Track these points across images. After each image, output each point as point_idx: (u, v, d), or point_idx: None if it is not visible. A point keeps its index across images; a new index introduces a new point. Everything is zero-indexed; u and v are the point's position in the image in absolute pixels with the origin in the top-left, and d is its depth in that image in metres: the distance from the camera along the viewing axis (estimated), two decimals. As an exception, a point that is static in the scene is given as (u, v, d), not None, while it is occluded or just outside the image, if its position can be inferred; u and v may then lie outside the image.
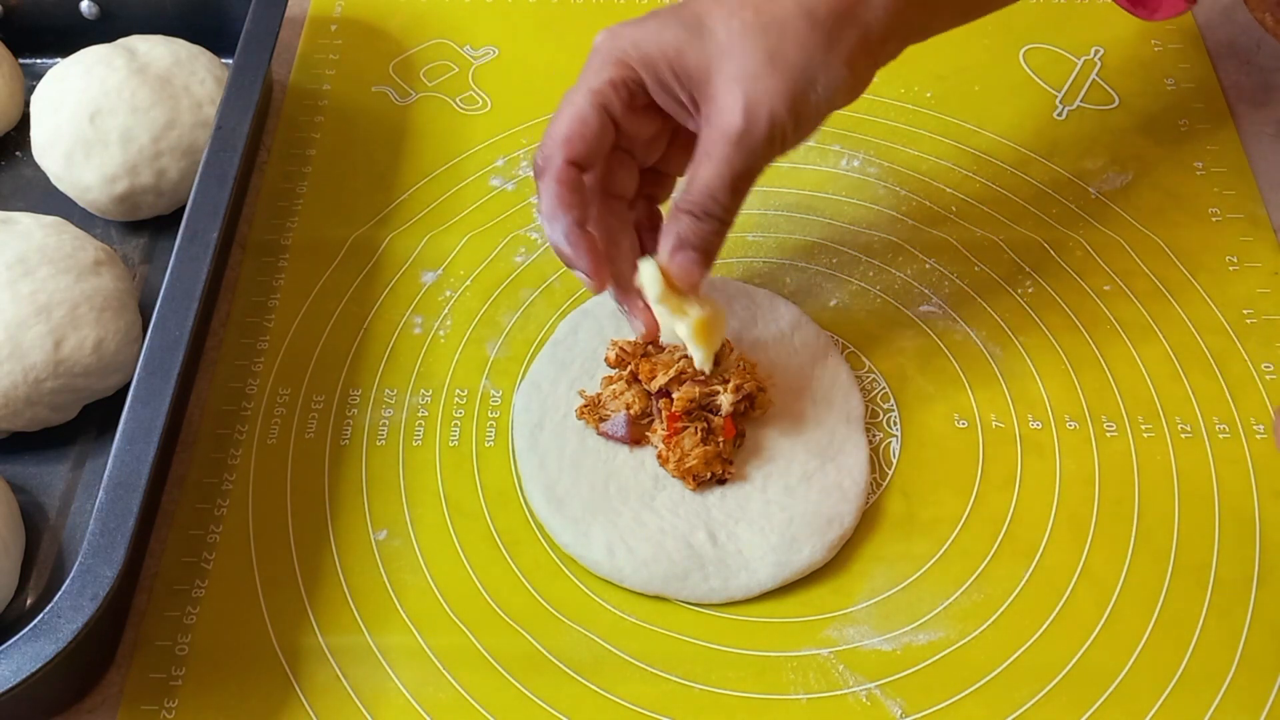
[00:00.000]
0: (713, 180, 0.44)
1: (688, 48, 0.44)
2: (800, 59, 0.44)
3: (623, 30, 0.45)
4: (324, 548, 0.50)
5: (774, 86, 0.43)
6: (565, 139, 0.45)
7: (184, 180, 0.59)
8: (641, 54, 0.44)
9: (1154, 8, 0.54)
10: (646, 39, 0.44)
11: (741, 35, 0.43)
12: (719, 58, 0.43)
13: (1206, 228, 0.60)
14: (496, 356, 0.56)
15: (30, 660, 0.41)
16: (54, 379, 0.51)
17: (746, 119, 0.43)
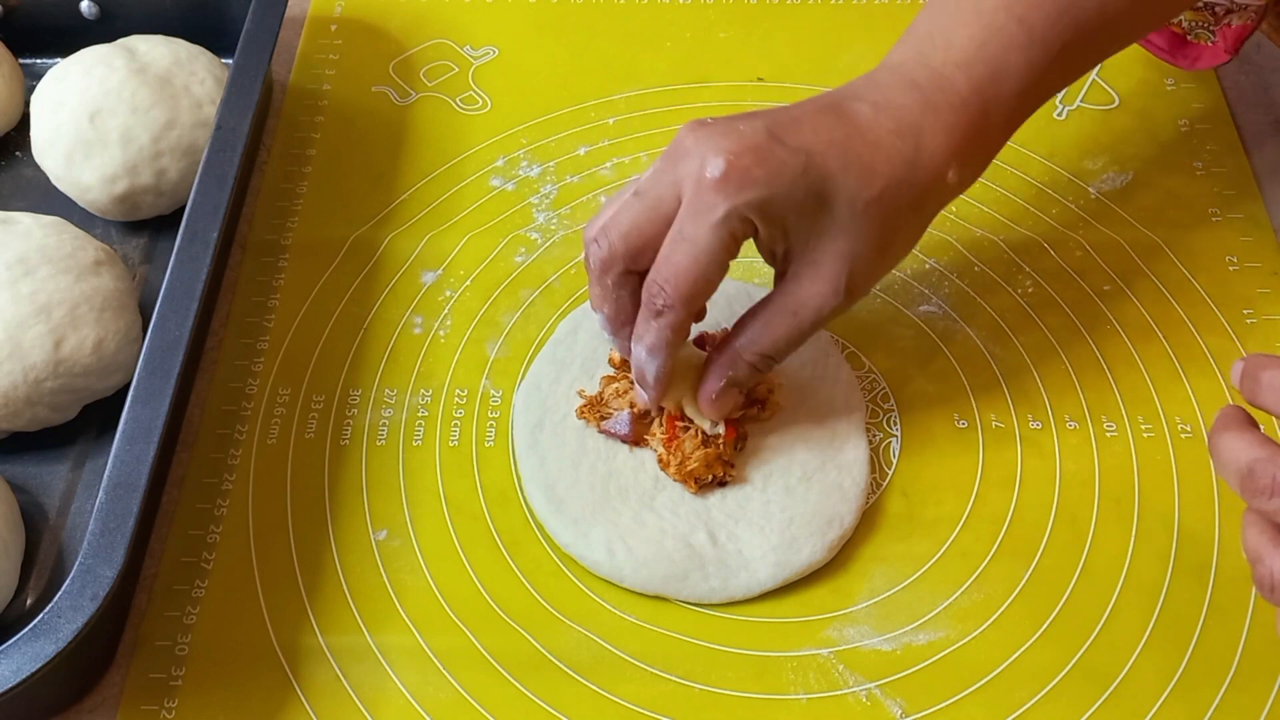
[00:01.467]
0: (788, 337, 0.45)
1: (808, 215, 0.43)
2: (903, 244, 0.46)
3: (753, 176, 0.42)
4: (324, 548, 0.50)
5: (876, 269, 0.46)
6: (691, 298, 0.44)
7: (184, 180, 0.59)
8: (771, 213, 0.43)
9: (1194, 57, 0.54)
10: (779, 198, 0.42)
11: (862, 217, 0.44)
12: (833, 230, 0.44)
13: (1206, 228, 0.60)
14: (496, 356, 0.56)
15: (30, 660, 0.41)
16: (54, 379, 0.51)
17: (846, 296, 0.45)
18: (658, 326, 0.45)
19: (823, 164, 0.43)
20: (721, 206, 0.42)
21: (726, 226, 0.42)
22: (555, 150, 0.64)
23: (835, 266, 0.44)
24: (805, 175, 0.43)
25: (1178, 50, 0.55)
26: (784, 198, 0.42)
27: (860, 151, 0.43)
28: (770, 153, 0.42)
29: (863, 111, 0.44)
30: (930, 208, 0.46)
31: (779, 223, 0.43)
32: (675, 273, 0.43)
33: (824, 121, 0.44)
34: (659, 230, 0.44)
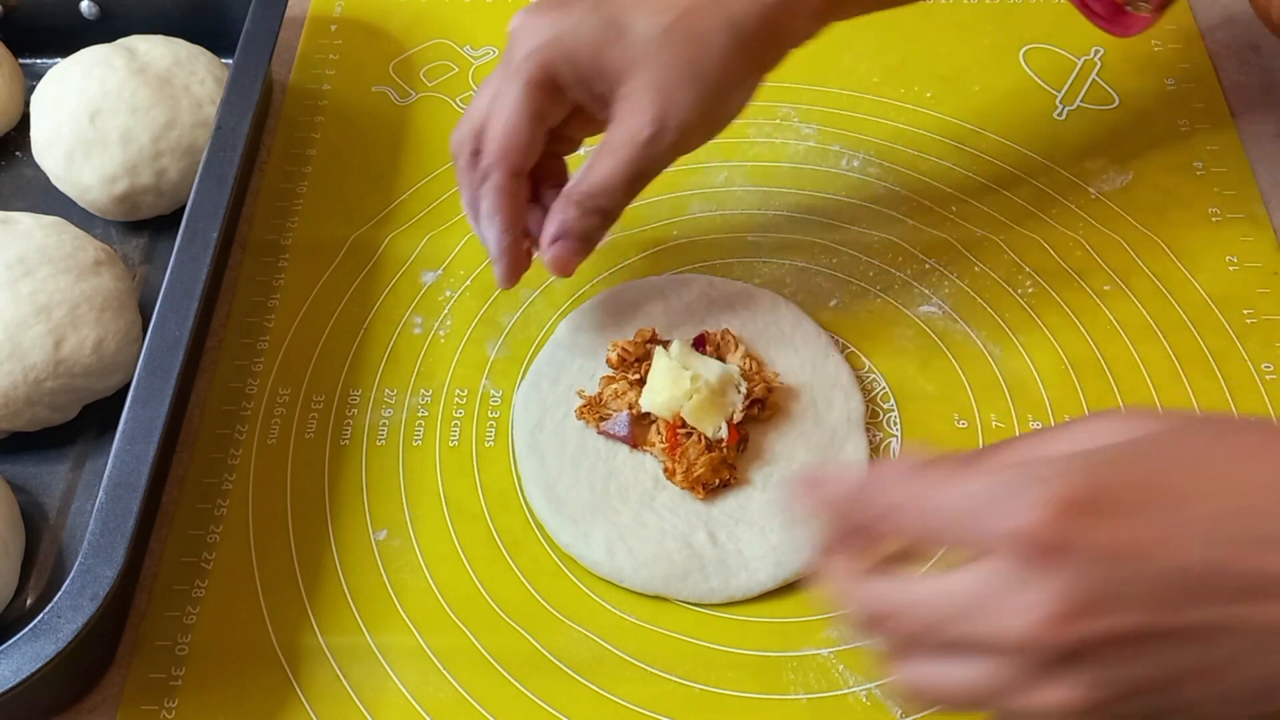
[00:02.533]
0: (609, 177, 0.45)
1: (607, 46, 0.44)
2: (720, 75, 0.45)
3: (542, 21, 0.45)
4: (324, 548, 0.50)
5: (690, 98, 0.44)
6: (504, 153, 0.46)
7: (184, 180, 0.59)
8: (559, 51, 0.44)
9: (1128, 25, 0.55)
10: (566, 34, 0.44)
11: (664, 41, 0.44)
12: (638, 60, 0.44)
13: (1207, 228, 0.60)
14: (496, 356, 0.56)
15: (30, 660, 0.41)
16: (54, 379, 0.51)
17: (657, 125, 0.44)
18: (486, 190, 0.47)
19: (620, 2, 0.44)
20: (517, 55, 0.45)
21: (523, 73, 0.44)
22: (555, 150, 0.64)
23: (646, 95, 0.44)
24: (597, 10, 0.44)
25: (1115, 19, 0.55)
26: (572, 34, 0.44)
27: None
28: (565, 1, 0.45)
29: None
30: (752, 29, 0.44)
31: (579, 61, 0.44)
32: (491, 133, 0.46)
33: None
34: None
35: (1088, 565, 0.30)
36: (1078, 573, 0.30)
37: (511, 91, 0.45)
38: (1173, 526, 0.30)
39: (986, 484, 0.31)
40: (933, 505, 0.32)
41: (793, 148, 0.64)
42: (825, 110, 0.65)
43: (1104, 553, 0.30)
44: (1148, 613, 0.30)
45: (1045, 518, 0.30)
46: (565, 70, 0.44)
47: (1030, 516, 0.30)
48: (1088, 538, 0.29)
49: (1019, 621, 0.30)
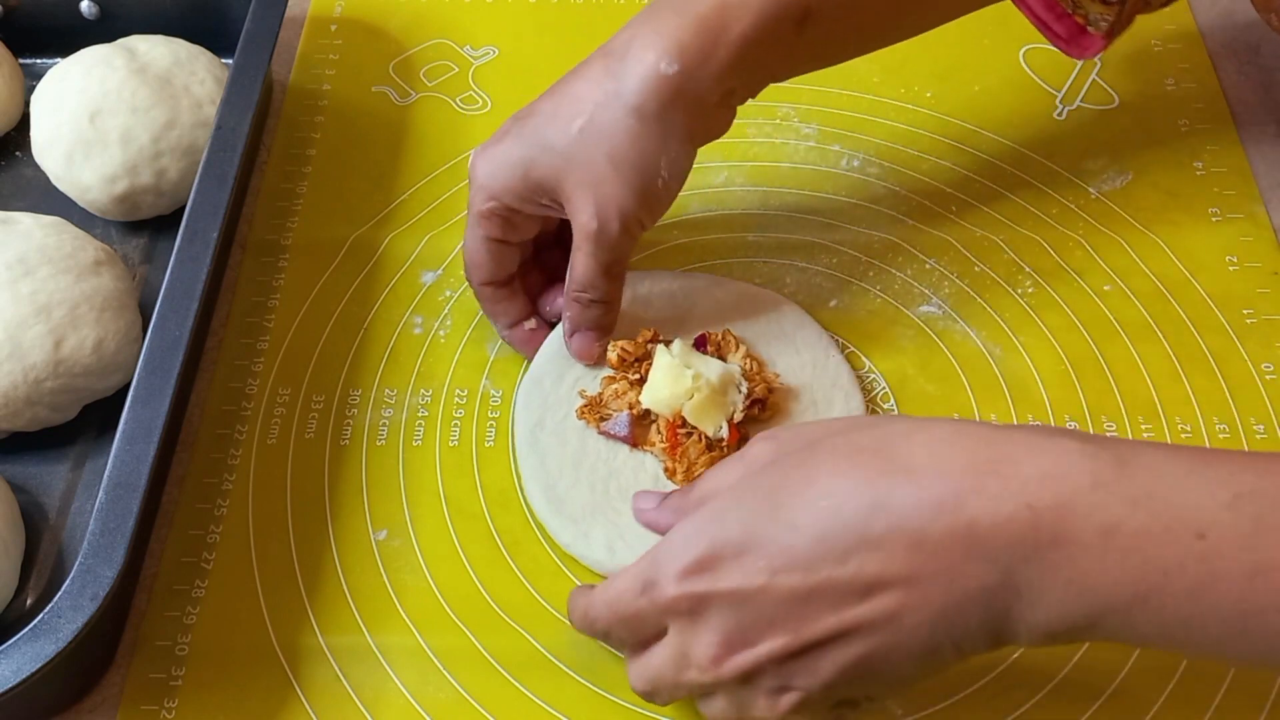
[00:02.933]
0: (585, 272, 0.50)
1: (533, 165, 0.48)
2: (639, 156, 0.47)
3: (483, 160, 0.50)
4: (324, 548, 0.50)
5: (619, 187, 0.47)
6: (472, 275, 0.53)
7: (184, 180, 0.59)
8: (500, 181, 0.49)
9: (1085, 46, 0.55)
10: (500, 167, 0.49)
11: (579, 145, 0.47)
12: (564, 167, 0.48)
13: (1206, 228, 0.60)
14: (496, 356, 0.56)
15: (30, 660, 0.41)
16: (54, 379, 0.51)
17: (599, 220, 0.48)
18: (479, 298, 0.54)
19: (537, 121, 0.49)
20: (474, 201, 0.51)
21: (474, 208, 0.51)
22: (555, 150, 0.64)
23: (580, 196, 0.48)
24: (519, 139, 0.49)
25: (1074, 40, 0.56)
26: (504, 165, 0.49)
27: (571, 90, 0.48)
28: (504, 133, 0.50)
29: (592, 55, 0.49)
30: (656, 106, 0.47)
31: (513, 187, 0.49)
32: (466, 262, 0.53)
33: (559, 80, 0.49)
34: None
35: (723, 612, 0.37)
36: (719, 619, 0.37)
37: (471, 225, 0.51)
38: (775, 561, 0.36)
39: (641, 573, 0.39)
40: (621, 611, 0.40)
41: (792, 148, 0.64)
42: (825, 110, 0.65)
43: (730, 598, 0.36)
44: (784, 634, 0.36)
45: (679, 587, 0.37)
46: (509, 198, 0.49)
47: (670, 590, 0.37)
48: (715, 590, 0.37)
49: (699, 670, 0.38)
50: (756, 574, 0.36)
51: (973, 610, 0.35)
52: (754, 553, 0.36)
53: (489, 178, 0.50)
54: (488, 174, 0.50)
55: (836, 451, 0.37)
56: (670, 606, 0.38)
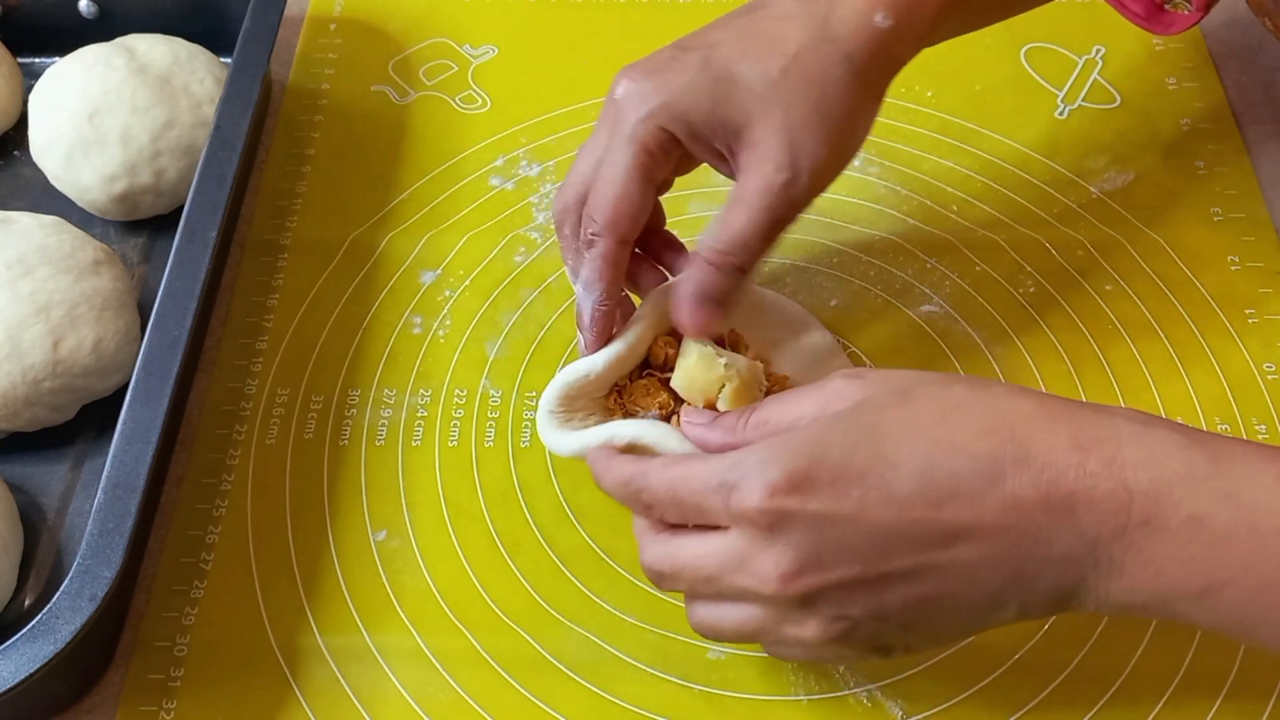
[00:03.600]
0: (747, 229, 0.43)
1: (724, 101, 0.43)
2: (844, 109, 0.43)
3: (647, 86, 0.43)
4: (323, 548, 0.50)
5: (820, 137, 0.43)
6: (614, 220, 0.44)
7: (183, 180, 0.59)
8: (674, 113, 0.43)
9: (1169, 23, 0.54)
10: (678, 97, 0.43)
11: (781, 86, 0.43)
12: (758, 109, 0.43)
13: (1208, 227, 0.60)
14: (496, 356, 0.56)
15: (29, 661, 0.41)
16: (53, 379, 0.51)
17: (793, 170, 0.43)
18: (590, 257, 0.44)
19: (725, 51, 0.43)
20: (627, 121, 0.43)
21: (636, 139, 0.43)
22: (555, 149, 0.64)
23: (773, 141, 0.43)
24: (706, 68, 0.43)
25: (1154, 18, 0.55)
26: (685, 94, 0.43)
27: (764, 28, 0.44)
28: (669, 61, 0.44)
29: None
30: (866, 60, 0.44)
31: (695, 120, 0.43)
32: (598, 198, 0.44)
33: (735, 15, 0.45)
34: None
35: (803, 533, 0.37)
36: (798, 539, 0.37)
37: (622, 157, 0.43)
38: (869, 493, 0.36)
39: (720, 472, 0.38)
40: (682, 494, 0.39)
41: (793, 147, 0.64)
42: (826, 109, 0.65)
43: (815, 521, 0.36)
44: (859, 564, 0.37)
45: (766, 500, 0.37)
46: (682, 131, 0.43)
47: (754, 500, 0.37)
48: (803, 510, 0.36)
49: (758, 581, 0.37)
50: (849, 502, 0.36)
51: (1048, 574, 0.36)
52: (850, 481, 0.36)
53: (666, 108, 0.43)
54: (664, 103, 0.43)
55: (936, 402, 0.38)
56: (749, 515, 0.37)
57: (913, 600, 0.37)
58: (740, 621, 0.40)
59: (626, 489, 0.41)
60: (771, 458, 0.37)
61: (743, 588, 0.38)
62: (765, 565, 0.37)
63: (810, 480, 0.37)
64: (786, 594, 0.37)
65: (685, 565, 0.40)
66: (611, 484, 0.42)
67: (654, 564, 0.41)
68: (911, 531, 0.36)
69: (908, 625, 0.38)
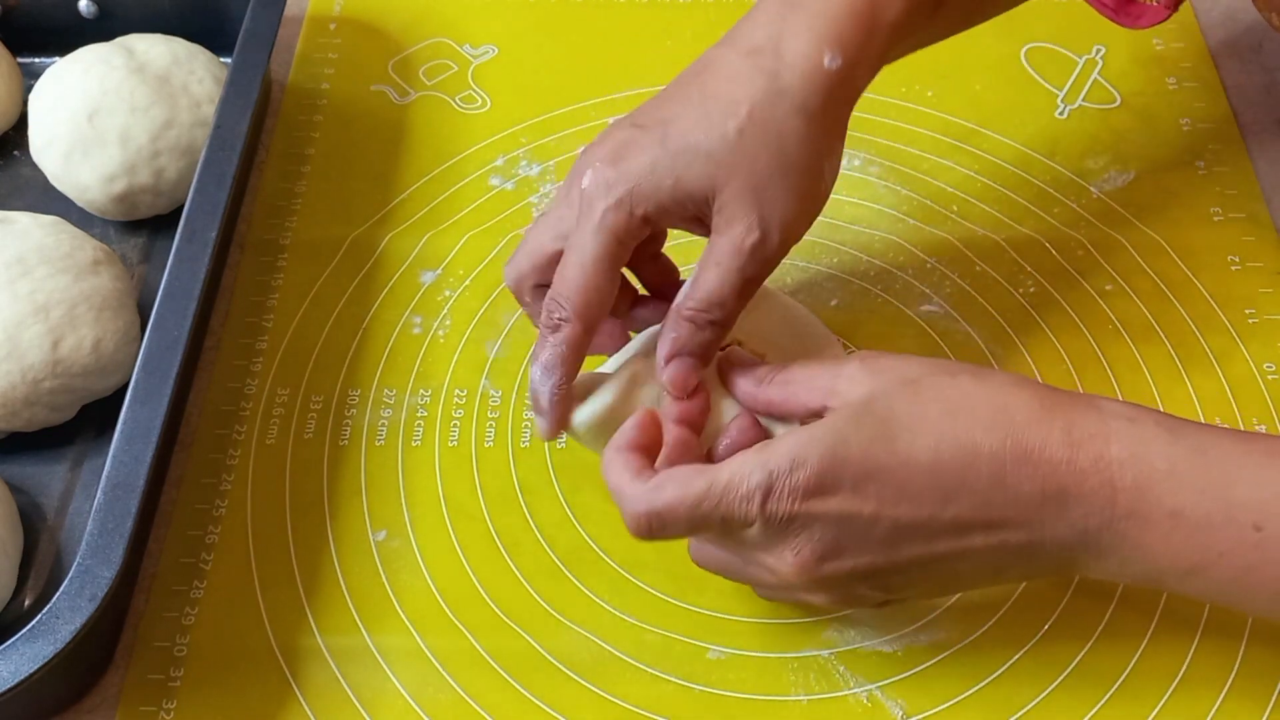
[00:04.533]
0: (720, 288, 0.43)
1: (685, 174, 0.43)
2: (807, 159, 0.43)
3: (612, 175, 0.43)
4: (323, 548, 0.50)
5: (785, 192, 0.43)
6: (582, 308, 0.43)
7: (182, 180, 0.59)
8: (640, 196, 0.43)
9: (1137, 15, 0.54)
10: (642, 180, 0.43)
11: (740, 148, 0.42)
12: (722, 173, 0.43)
13: (1208, 227, 0.60)
14: (496, 356, 0.56)
15: (28, 661, 0.41)
16: (52, 379, 0.51)
17: (761, 229, 0.43)
18: (553, 341, 0.44)
19: (680, 127, 0.43)
20: (596, 210, 0.43)
21: (605, 228, 0.43)
22: (555, 149, 0.64)
23: (740, 204, 0.43)
24: (664, 145, 0.43)
25: (1122, 9, 0.55)
26: (648, 176, 0.43)
27: (715, 91, 0.43)
28: (630, 143, 0.43)
29: (718, 52, 0.45)
30: (821, 103, 0.43)
31: (665, 200, 0.43)
32: (566, 285, 0.43)
33: (682, 83, 0.45)
34: (559, 247, 0.45)
35: (827, 527, 0.39)
36: (820, 533, 0.39)
37: (592, 246, 0.43)
38: (885, 490, 0.38)
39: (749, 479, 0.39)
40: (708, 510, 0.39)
41: (793, 147, 0.64)
42: (826, 109, 0.65)
43: (836, 517, 0.39)
44: (874, 554, 0.39)
45: (796, 507, 0.38)
46: (651, 211, 0.43)
47: (782, 508, 0.38)
48: (824, 508, 0.39)
49: (781, 567, 0.40)
50: (869, 501, 0.39)
51: (1046, 555, 0.40)
52: (870, 481, 0.39)
53: (633, 194, 0.43)
54: (631, 189, 0.43)
55: (944, 394, 0.40)
56: (780, 517, 0.39)
57: (918, 577, 0.41)
58: (748, 576, 0.43)
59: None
60: (799, 463, 0.39)
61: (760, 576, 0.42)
62: (785, 555, 0.40)
63: (836, 482, 0.38)
64: (802, 578, 0.40)
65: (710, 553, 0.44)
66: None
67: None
68: (924, 525, 0.39)
69: (906, 589, 0.42)
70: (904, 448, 0.39)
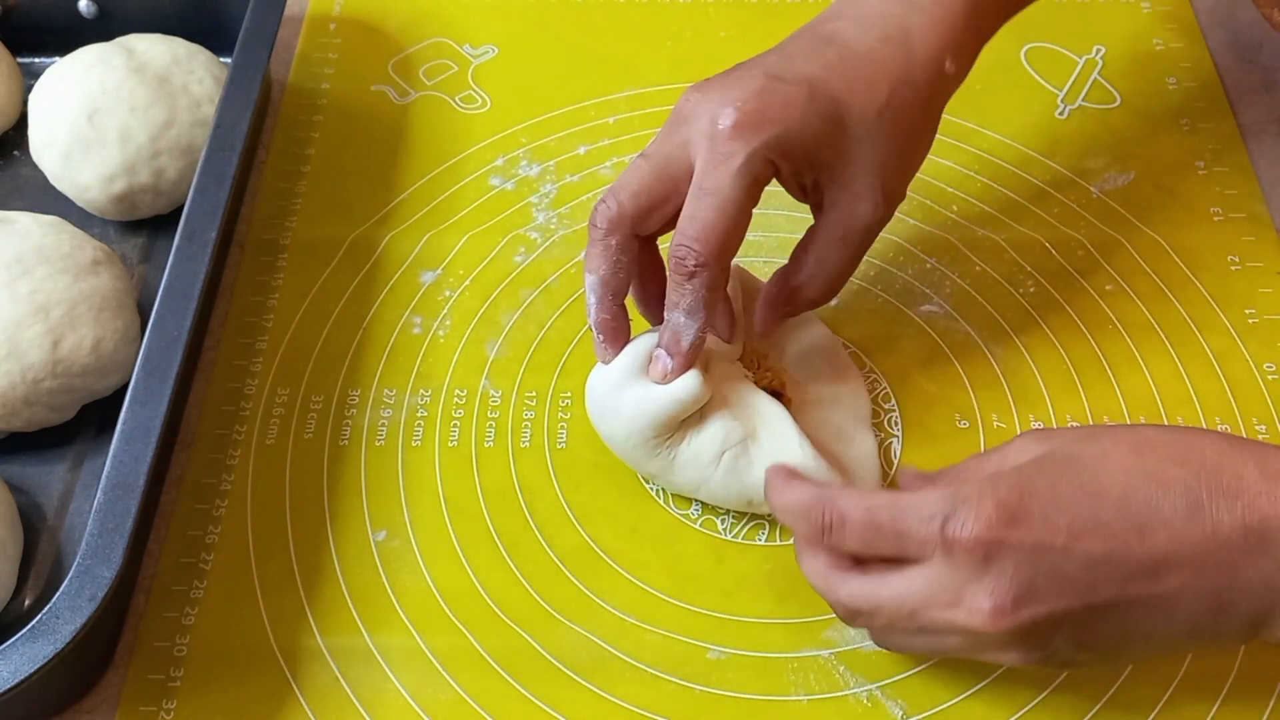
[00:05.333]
0: (847, 266, 0.47)
1: (828, 141, 0.44)
2: (921, 149, 0.47)
3: (759, 119, 0.43)
4: (323, 548, 0.50)
5: (903, 177, 0.47)
6: (720, 251, 0.43)
7: (182, 179, 0.59)
8: (784, 149, 0.44)
9: None
10: (791, 134, 0.43)
11: (877, 129, 0.45)
12: (856, 149, 0.45)
13: (1208, 227, 0.60)
14: (496, 356, 0.56)
15: (28, 661, 0.41)
16: (52, 379, 0.51)
17: (888, 208, 0.46)
18: (693, 287, 0.44)
19: (826, 89, 0.44)
20: (740, 153, 0.43)
21: (749, 171, 0.43)
22: (555, 149, 0.64)
23: (868, 181, 0.45)
24: (813, 103, 0.44)
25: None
26: (798, 130, 0.43)
27: (857, 66, 0.45)
28: (774, 91, 0.44)
29: (847, 30, 0.46)
30: (937, 102, 0.47)
31: (799, 156, 0.44)
32: (703, 228, 0.43)
33: (814, 49, 0.46)
34: (667, 191, 0.45)
35: (1017, 564, 0.37)
36: (1012, 571, 0.37)
37: (733, 190, 0.43)
38: (1077, 522, 0.37)
39: (932, 502, 0.38)
40: (883, 520, 0.39)
41: (793, 147, 0.64)
42: (826, 109, 0.65)
43: (1028, 550, 0.37)
44: (1070, 596, 0.37)
45: (984, 530, 0.37)
46: (785, 165, 0.44)
47: (970, 529, 0.37)
48: (1015, 538, 0.37)
49: (969, 615, 0.37)
50: (1060, 532, 0.37)
51: (1244, 601, 0.37)
52: (1060, 510, 0.37)
53: (778, 143, 0.43)
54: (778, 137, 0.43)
55: (1125, 438, 0.39)
56: (965, 544, 0.37)
57: (1115, 631, 0.38)
58: (942, 648, 0.40)
59: (811, 508, 0.40)
60: (985, 490, 0.38)
61: (948, 621, 0.38)
62: (979, 599, 0.37)
63: (1023, 511, 0.37)
64: (1000, 627, 0.37)
65: (887, 600, 0.39)
66: (792, 501, 0.41)
67: (850, 601, 0.40)
68: (1118, 560, 0.37)
69: (1102, 653, 0.39)
70: (1091, 480, 0.38)
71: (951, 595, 0.38)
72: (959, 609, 0.38)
